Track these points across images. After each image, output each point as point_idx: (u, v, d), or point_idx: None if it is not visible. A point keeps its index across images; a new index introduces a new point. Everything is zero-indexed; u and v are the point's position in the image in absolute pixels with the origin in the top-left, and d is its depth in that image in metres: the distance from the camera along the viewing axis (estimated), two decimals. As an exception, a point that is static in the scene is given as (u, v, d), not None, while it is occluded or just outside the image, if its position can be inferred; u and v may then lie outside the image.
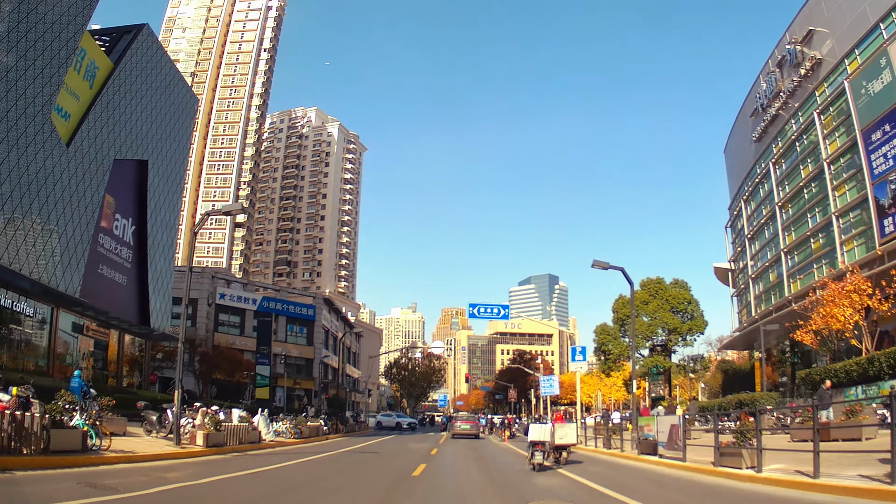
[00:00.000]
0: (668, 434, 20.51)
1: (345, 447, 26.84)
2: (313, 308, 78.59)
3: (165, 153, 42.56)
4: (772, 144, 53.91)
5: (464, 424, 44.96)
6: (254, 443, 24.10)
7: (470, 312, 36.49)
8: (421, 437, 42.56)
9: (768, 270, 54.11)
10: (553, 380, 44.04)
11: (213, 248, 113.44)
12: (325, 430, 37.44)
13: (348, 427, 46.08)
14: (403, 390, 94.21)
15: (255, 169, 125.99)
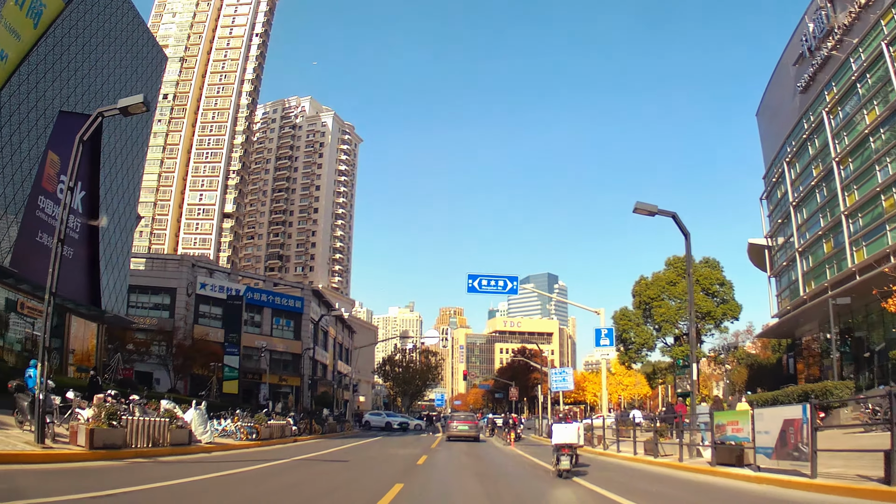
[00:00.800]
0: (779, 435, 14.05)
1: (308, 453, 21.81)
2: (301, 300, 73.68)
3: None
4: (824, 91, 46.42)
5: (461, 425, 39.04)
6: (180, 445, 18.23)
7: (469, 286, 29.61)
8: (411, 440, 37.31)
9: (821, 240, 46.36)
10: (567, 372, 39.28)
11: (199, 239, 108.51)
12: (294, 431, 32.17)
13: (327, 427, 40.65)
14: (398, 388, 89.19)
15: (244, 157, 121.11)
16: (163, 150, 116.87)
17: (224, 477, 13.11)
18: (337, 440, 33.04)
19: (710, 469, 16.87)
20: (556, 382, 39.91)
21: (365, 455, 22.53)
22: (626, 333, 47.72)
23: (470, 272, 30.31)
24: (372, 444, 29.77)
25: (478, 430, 39.81)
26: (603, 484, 13.81)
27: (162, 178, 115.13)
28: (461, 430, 38.42)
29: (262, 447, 24.01)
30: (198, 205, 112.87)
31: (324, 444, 28.31)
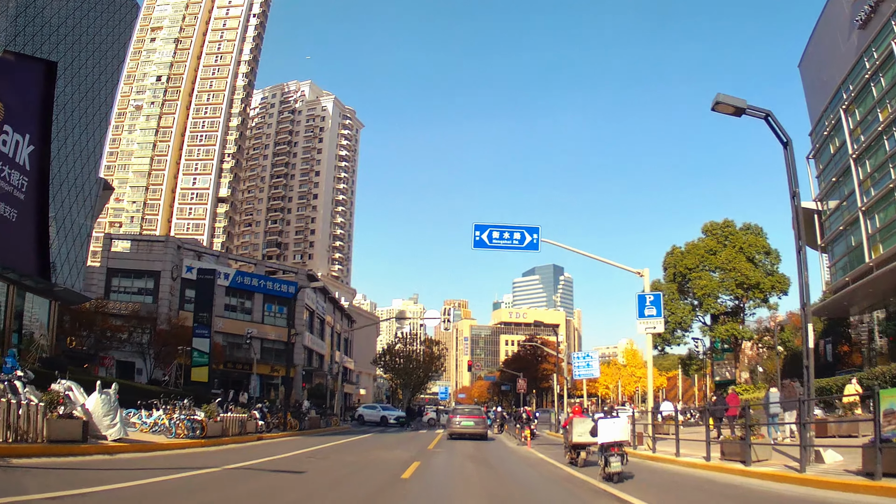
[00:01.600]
0: None
1: (258, 458, 16.68)
2: (294, 285, 69.18)
3: (87, 61, 33.19)
4: (891, 22, 39.03)
5: (465, 419, 33.29)
6: (68, 442, 13.34)
7: (476, 240, 23.31)
8: (406, 438, 32.59)
9: (894, 194, 38.71)
10: (592, 357, 34.67)
11: (192, 224, 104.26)
12: (259, 427, 27.37)
13: (308, 423, 35.46)
14: (398, 380, 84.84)
15: (240, 141, 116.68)
16: (155, 133, 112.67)
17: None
18: (314, 438, 28.67)
19: (859, 482, 11.10)
20: (579, 369, 35.04)
21: (336, 461, 17.65)
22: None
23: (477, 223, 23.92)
24: (354, 445, 25.38)
25: (485, 425, 34.11)
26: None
27: (154, 161, 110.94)
28: (465, 427, 32.69)
29: (202, 447, 19.11)
30: (191, 189, 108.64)
31: (293, 445, 23.48)
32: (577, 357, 36.89)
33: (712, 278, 38.57)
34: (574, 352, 36.45)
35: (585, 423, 18.06)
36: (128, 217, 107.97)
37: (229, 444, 21.58)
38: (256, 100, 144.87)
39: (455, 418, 34.00)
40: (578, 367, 35.88)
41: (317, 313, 76.91)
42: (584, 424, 17.86)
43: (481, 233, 23.87)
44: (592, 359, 35.58)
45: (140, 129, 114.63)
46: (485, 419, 34.57)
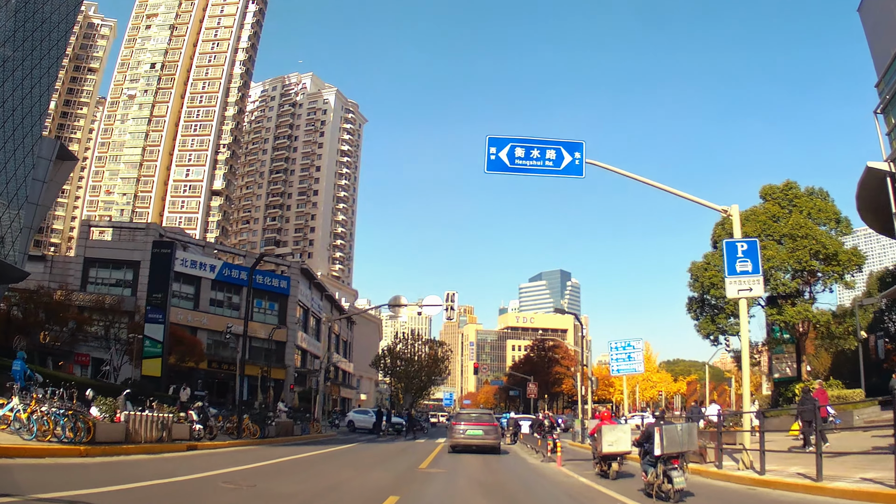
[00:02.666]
0: None
1: (113, 484, 10.73)
2: (287, 280, 63.77)
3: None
4: None
5: (472, 428, 26.29)
6: None
7: (491, 159, 16.88)
8: (396, 451, 26.36)
9: None
10: (634, 348, 28.72)
11: (185, 218, 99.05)
12: (197, 432, 21.35)
13: (274, 429, 28.81)
14: (399, 384, 79.08)
15: (236, 131, 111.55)
16: (148, 122, 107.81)
17: None
18: (272, 450, 22.39)
19: None
20: (617, 363, 29.24)
21: (259, 494, 11.49)
22: (713, 290, 33.66)
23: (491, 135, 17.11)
24: (320, 461, 19.23)
25: (497, 435, 27.21)
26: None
27: (146, 152, 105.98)
28: (472, 437, 25.96)
29: (61, 458, 13.24)
30: (184, 181, 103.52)
31: (228, 459, 17.55)
32: (615, 348, 30.53)
33: (779, 248, 31.44)
34: (612, 342, 29.80)
35: (616, 430, 16.94)
36: (118, 210, 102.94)
37: (124, 456, 15.59)
38: (256, 93, 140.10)
39: (458, 426, 26.48)
40: (617, 359, 30.03)
41: (312, 311, 71.44)
42: (615, 432, 16.79)
43: (499, 149, 16.96)
44: (635, 350, 29.36)
45: (132, 118, 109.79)
46: (497, 427, 27.46)
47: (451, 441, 26.41)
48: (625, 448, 16.75)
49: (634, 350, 29.67)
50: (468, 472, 17.76)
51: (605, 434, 16.74)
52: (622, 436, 16.79)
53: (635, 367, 29.57)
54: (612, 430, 16.94)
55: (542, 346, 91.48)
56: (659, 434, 12.18)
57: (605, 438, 16.70)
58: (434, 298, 32.88)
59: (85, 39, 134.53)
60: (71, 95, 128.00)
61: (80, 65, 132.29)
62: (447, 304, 31.46)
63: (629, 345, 29.92)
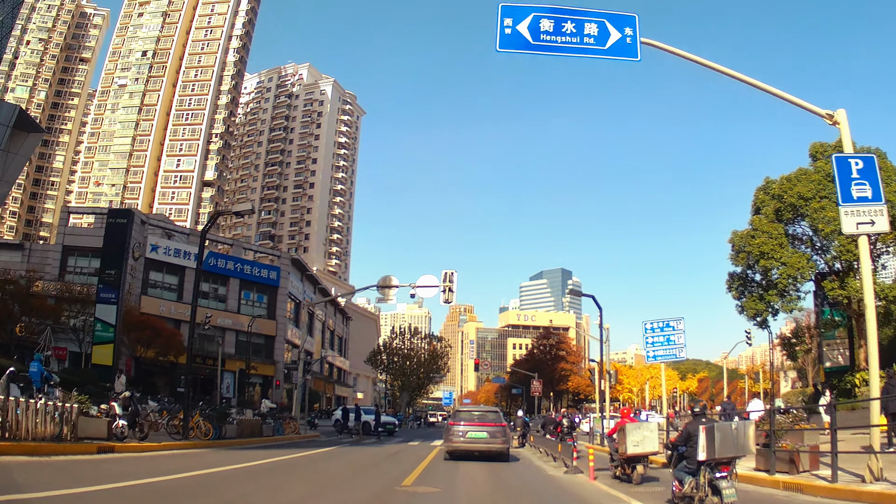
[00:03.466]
0: None
1: None
2: (276, 270, 60.32)
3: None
4: None
5: (475, 429, 21.37)
6: None
7: (504, 34, 12.91)
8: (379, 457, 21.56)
9: None
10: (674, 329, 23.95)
11: (175, 209, 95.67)
12: (119, 430, 16.98)
13: (235, 429, 24.67)
14: (396, 382, 75.54)
15: (229, 120, 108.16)
16: (138, 111, 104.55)
17: None
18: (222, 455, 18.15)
19: None
20: (654, 347, 24.36)
21: None
22: (763, 260, 28.47)
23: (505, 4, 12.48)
24: (266, 473, 14.58)
25: (505, 438, 21.71)
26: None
27: (137, 142, 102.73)
28: (475, 440, 21.02)
29: None
30: (175, 171, 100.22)
31: (134, 470, 13.01)
32: (650, 330, 24.87)
33: (829, 218, 27.11)
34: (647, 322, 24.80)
35: (641, 428, 15.45)
36: (107, 201, 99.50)
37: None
38: (252, 84, 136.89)
39: (457, 427, 21.30)
40: (653, 343, 24.73)
41: (303, 304, 68.00)
42: (640, 431, 15.29)
43: (517, 20, 12.75)
44: (675, 331, 23.82)
45: (123, 107, 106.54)
46: (505, 428, 22.12)
47: (448, 445, 21.31)
48: (651, 448, 15.22)
49: (674, 331, 24.56)
50: (470, 490, 13.67)
51: (629, 433, 15.04)
52: (648, 434, 15.19)
53: (675, 351, 24.22)
54: (636, 428, 15.29)
55: (547, 342, 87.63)
56: (706, 434, 9.83)
57: (629, 438, 14.98)
58: (429, 278, 27.65)
59: (77, 29, 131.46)
60: (62, 86, 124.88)
61: (71, 55, 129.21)
62: (444, 284, 26.67)
63: (667, 325, 24.72)
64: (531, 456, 25.22)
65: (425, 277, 27.65)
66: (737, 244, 31.19)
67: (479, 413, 23.15)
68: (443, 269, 25.37)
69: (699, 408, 11.82)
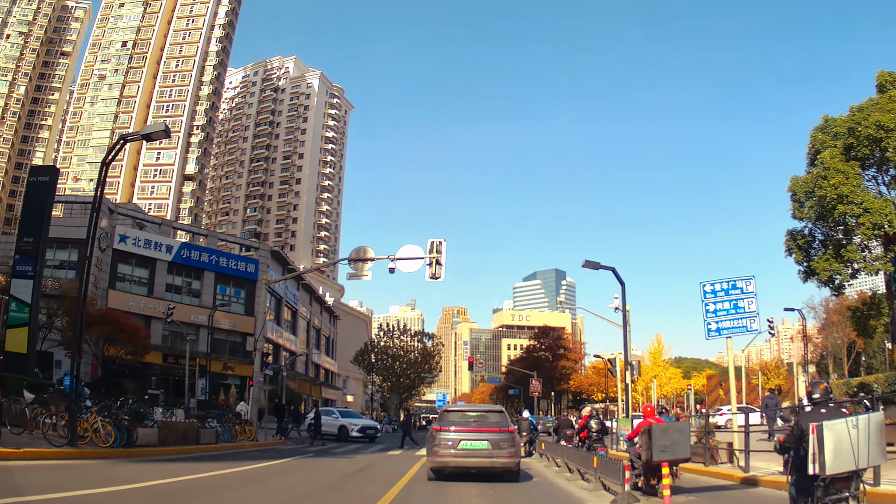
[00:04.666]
0: None
1: None
2: (255, 263, 56.31)
3: None
4: None
5: (471, 438, 15.11)
6: None
7: None
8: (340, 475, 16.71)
9: None
10: (745, 294, 15.68)
11: (155, 204, 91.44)
12: None
13: (156, 432, 19.74)
14: (385, 383, 71.49)
15: (211, 111, 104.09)
16: (118, 103, 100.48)
17: None
18: (108, 469, 13.83)
19: None
20: (717, 317, 17.97)
21: None
22: (841, 205, 23.05)
23: None
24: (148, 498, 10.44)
25: (514, 450, 15.40)
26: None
27: (115, 135, 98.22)
28: (471, 454, 15.02)
29: None
30: (154, 165, 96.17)
31: None
32: (710, 293, 18.29)
33: None
34: (705, 284, 18.64)
35: (671, 430, 12.53)
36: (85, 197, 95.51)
37: None
38: (237, 79, 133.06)
39: (445, 434, 15.19)
40: (716, 312, 18.14)
41: (286, 301, 64.06)
42: (670, 432, 12.36)
43: None
44: (744, 295, 17.64)
45: (102, 99, 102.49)
46: (513, 435, 15.70)
47: (434, 460, 15.19)
48: (682, 454, 12.40)
49: (743, 295, 17.87)
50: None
51: (655, 436, 12.19)
52: (678, 438, 12.36)
53: (746, 322, 17.83)
54: (664, 430, 12.40)
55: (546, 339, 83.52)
56: (817, 437, 6.99)
57: (656, 441, 12.14)
58: (412, 249, 22.26)
59: (58, 23, 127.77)
60: (43, 81, 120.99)
61: (52, 49, 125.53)
62: (431, 256, 21.87)
63: (733, 286, 18.07)
64: (545, 470, 19.41)
65: (407, 248, 22.60)
66: (800, 192, 25.80)
67: (477, 415, 16.69)
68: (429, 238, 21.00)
69: (820, 391, 7.85)
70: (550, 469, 19.88)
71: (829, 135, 24.72)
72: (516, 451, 15.33)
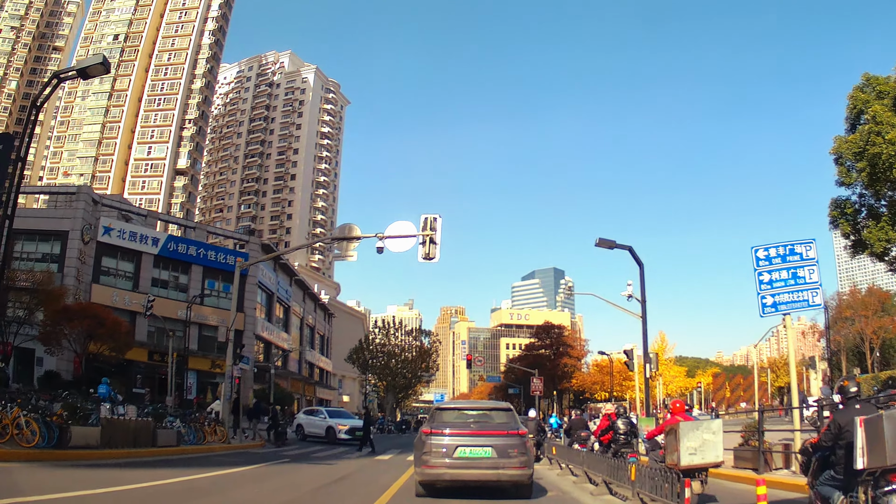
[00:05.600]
0: None
1: None
2: (245, 256, 54.23)
3: None
4: None
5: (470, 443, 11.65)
6: None
7: None
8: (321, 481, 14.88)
9: None
10: (805, 261, 12.55)
11: (146, 199, 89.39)
12: None
13: (97, 433, 16.28)
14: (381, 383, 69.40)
15: (203, 105, 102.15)
16: (109, 97, 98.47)
17: None
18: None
19: None
20: (774, 290, 15.24)
21: None
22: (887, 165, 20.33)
23: None
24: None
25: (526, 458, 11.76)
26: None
27: (106, 129, 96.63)
28: (470, 462, 11.53)
29: None
30: (145, 159, 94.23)
31: None
32: (764, 260, 15.55)
33: None
34: (757, 248, 15.58)
35: (701, 429, 10.53)
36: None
37: None
38: (231, 74, 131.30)
39: (439, 439, 11.88)
40: (771, 284, 15.39)
41: (278, 297, 62.08)
42: (699, 433, 10.43)
43: None
44: (804, 262, 15.04)
45: (93, 93, 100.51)
46: (524, 439, 12.09)
47: (423, 472, 11.90)
48: (713, 458, 10.48)
49: (803, 263, 15.12)
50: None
51: (683, 436, 10.36)
52: (710, 438, 10.49)
53: (808, 296, 15.11)
54: (693, 429, 10.59)
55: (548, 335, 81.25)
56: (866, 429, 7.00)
57: (684, 443, 10.33)
58: (403, 225, 19.27)
59: (50, 17, 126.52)
60: (34, 76, 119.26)
61: (44, 44, 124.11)
62: (424, 233, 19.30)
63: (791, 251, 15.27)
64: (560, 480, 15.97)
65: (398, 224, 19.91)
66: (847, 154, 22.89)
67: (478, 413, 13.13)
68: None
69: (856, 386, 7.96)
70: (565, 478, 16.48)
71: (871, 94, 22.54)
72: (529, 459, 11.87)
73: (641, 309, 21.06)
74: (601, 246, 21.38)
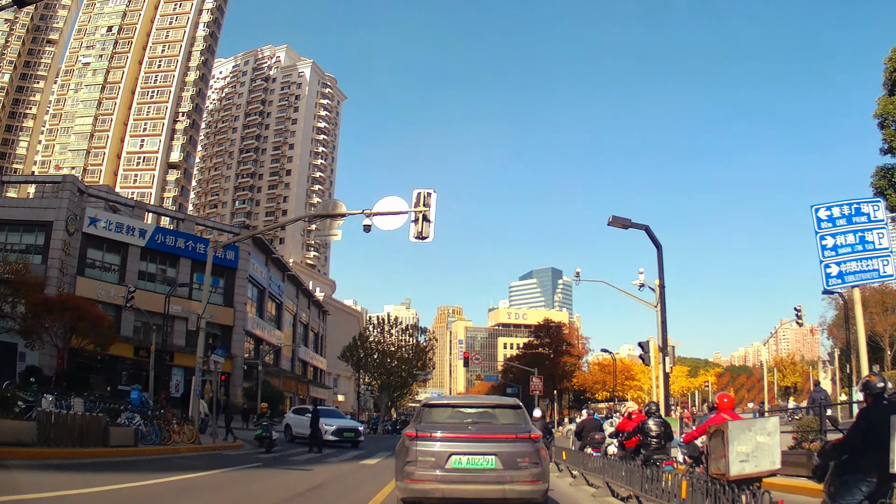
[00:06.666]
0: None
1: None
2: (235, 250, 52.75)
3: None
4: None
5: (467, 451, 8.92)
6: None
7: None
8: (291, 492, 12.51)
9: None
10: (874, 223, 12.76)
11: (138, 193, 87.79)
12: None
13: (39, 430, 14.46)
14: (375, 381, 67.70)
15: (197, 98, 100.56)
16: (101, 89, 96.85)
17: None
18: None
19: None
20: (840, 258, 12.82)
21: None
22: None
23: None
24: None
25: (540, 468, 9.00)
26: None
27: (98, 121, 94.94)
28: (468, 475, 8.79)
29: None
30: (138, 152, 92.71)
31: None
32: (825, 221, 13.40)
33: None
34: (818, 207, 13.08)
35: (753, 430, 8.29)
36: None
37: None
38: (227, 68, 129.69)
39: (429, 443, 9.06)
40: (836, 249, 13.23)
41: (270, 293, 60.49)
42: (751, 434, 8.24)
43: None
44: (872, 224, 12.79)
45: (86, 85, 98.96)
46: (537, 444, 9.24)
47: (409, 486, 9.00)
48: (768, 465, 8.20)
49: (872, 225, 13.03)
50: None
51: (733, 439, 8.18)
52: (764, 441, 8.22)
53: (878, 265, 12.83)
54: (744, 430, 8.33)
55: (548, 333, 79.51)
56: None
57: (733, 447, 8.15)
58: (394, 201, 18.62)
59: (45, 10, 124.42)
60: (28, 69, 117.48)
61: (38, 36, 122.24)
62: (417, 210, 17.35)
63: (858, 211, 13.15)
64: (576, 493, 13.81)
65: (388, 200, 18.01)
66: (894, 114, 20.87)
67: (478, 413, 10.30)
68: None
69: (882, 382, 7.15)
70: (581, 490, 14.03)
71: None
72: (543, 470, 9.19)
73: (659, 294, 19.50)
74: (614, 225, 19.74)
